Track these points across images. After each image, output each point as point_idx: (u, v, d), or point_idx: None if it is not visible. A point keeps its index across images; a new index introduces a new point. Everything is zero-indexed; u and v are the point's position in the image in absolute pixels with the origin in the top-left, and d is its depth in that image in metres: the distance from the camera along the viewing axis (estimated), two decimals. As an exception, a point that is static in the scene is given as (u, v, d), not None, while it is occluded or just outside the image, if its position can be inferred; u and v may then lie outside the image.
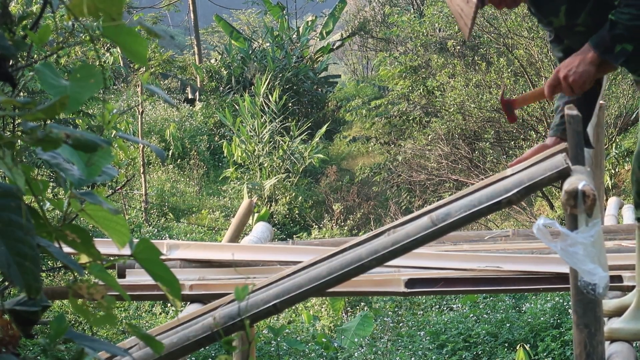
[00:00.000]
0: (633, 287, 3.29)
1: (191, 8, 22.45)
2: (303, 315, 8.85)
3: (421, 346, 8.26)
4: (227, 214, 14.88)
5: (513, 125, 14.39)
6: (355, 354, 8.20)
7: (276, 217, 15.06)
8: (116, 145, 8.03)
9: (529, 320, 8.36)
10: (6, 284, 1.51)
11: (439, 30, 17.27)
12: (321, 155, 16.70)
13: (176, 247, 4.06)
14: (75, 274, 1.51)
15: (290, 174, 16.14)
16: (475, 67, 15.45)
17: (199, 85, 21.26)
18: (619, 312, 3.26)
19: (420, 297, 9.88)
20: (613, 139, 13.32)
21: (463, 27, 3.19)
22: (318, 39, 22.72)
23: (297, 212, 15.38)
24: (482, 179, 12.23)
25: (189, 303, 3.78)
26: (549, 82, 3.09)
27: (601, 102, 5.59)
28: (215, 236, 13.36)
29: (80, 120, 11.17)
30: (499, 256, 3.69)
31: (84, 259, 1.56)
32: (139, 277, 3.85)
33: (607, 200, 7.27)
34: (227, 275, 3.94)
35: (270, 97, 16.67)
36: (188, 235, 13.33)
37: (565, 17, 3.14)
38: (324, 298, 9.58)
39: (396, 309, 9.57)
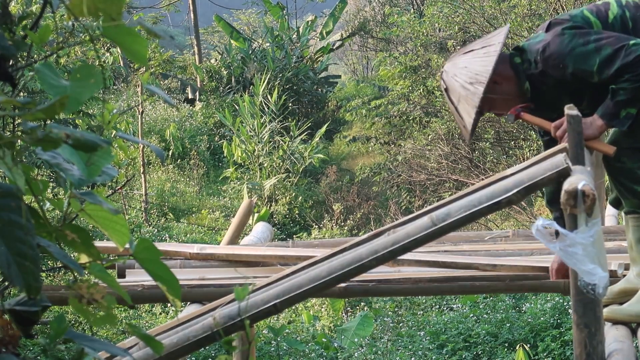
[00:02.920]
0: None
1: (191, 8, 22.45)
2: (303, 315, 8.85)
3: (421, 346, 8.26)
4: (227, 214, 14.87)
5: (513, 125, 14.39)
6: (355, 354, 8.20)
7: (276, 217, 15.06)
8: (116, 145, 8.02)
9: (529, 320, 8.35)
10: (6, 284, 1.51)
11: (439, 30, 17.26)
12: (321, 155, 16.69)
13: (205, 249, 4.16)
14: (75, 274, 1.51)
15: (290, 174, 16.13)
16: (475, 67, 15.42)
17: (199, 85, 21.26)
18: (619, 299, 3.30)
19: (420, 297, 9.88)
20: (613, 139, 13.32)
21: (464, 131, 3.44)
22: (318, 39, 22.71)
23: (297, 212, 15.37)
24: (482, 179, 12.24)
25: (189, 303, 3.78)
26: (555, 124, 3.28)
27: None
28: (215, 236, 13.36)
29: (80, 120, 11.16)
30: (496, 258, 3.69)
31: (84, 259, 1.56)
32: (139, 277, 3.86)
33: (607, 200, 7.26)
34: (227, 275, 3.94)
35: (270, 97, 16.67)
36: (188, 236, 13.32)
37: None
38: (324, 298, 9.58)
39: (396, 309, 9.57)
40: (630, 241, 3.32)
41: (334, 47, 23.24)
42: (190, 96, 21.77)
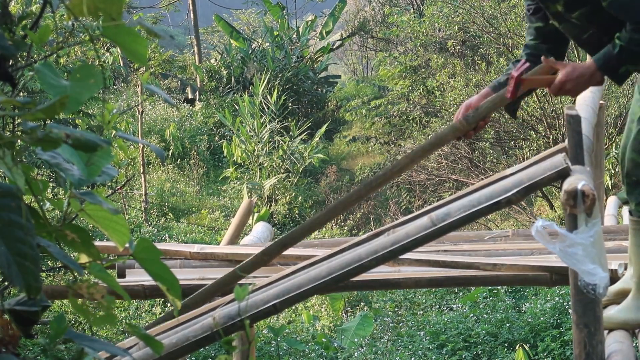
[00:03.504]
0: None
1: (191, 8, 22.45)
2: (303, 315, 8.85)
3: (421, 346, 8.26)
4: (227, 214, 14.87)
5: (513, 125, 14.39)
6: (355, 354, 8.20)
7: (276, 217, 15.06)
8: (116, 145, 8.03)
9: (529, 320, 8.35)
10: (6, 284, 1.51)
11: (439, 30, 17.27)
12: (321, 155, 16.70)
13: (205, 249, 4.16)
14: (75, 274, 1.51)
15: (290, 174, 16.14)
16: (475, 67, 15.45)
17: (198, 85, 21.26)
18: (617, 299, 3.29)
19: (420, 297, 9.88)
20: (613, 139, 13.33)
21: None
22: (318, 39, 22.71)
23: (297, 212, 15.37)
24: (482, 179, 12.23)
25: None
26: (554, 86, 3.12)
27: (601, 102, 5.59)
28: (215, 236, 13.36)
29: (80, 120, 11.17)
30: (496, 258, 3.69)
31: (83, 258, 1.56)
32: (139, 277, 3.86)
33: (607, 200, 7.27)
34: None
35: (269, 97, 16.67)
36: (188, 236, 13.32)
37: (562, 8, 3.21)
38: (324, 298, 9.58)
39: (396, 309, 9.57)
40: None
41: (334, 47, 23.24)
42: (190, 96, 21.77)
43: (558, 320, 8.22)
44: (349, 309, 9.98)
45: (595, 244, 2.54)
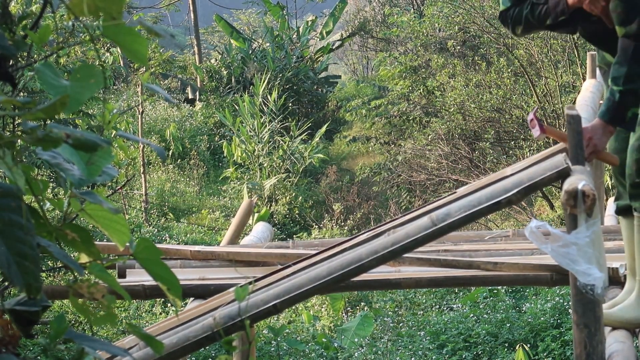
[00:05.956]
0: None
1: (191, 8, 22.45)
2: (303, 315, 8.85)
3: (421, 346, 8.26)
4: (227, 214, 14.87)
5: (513, 125, 14.39)
6: (355, 354, 8.20)
7: (276, 217, 15.06)
8: (116, 145, 8.02)
9: (529, 320, 8.35)
10: (6, 284, 1.51)
11: (439, 30, 17.26)
12: (321, 155, 16.69)
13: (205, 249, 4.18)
14: (76, 274, 1.51)
15: (290, 174, 16.13)
16: (475, 67, 15.45)
17: (199, 85, 21.25)
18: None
19: (420, 297, 9.88)
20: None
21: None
22: (318, 39, 22.71)
23: (297, 212, 15.37)
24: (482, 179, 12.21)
25: (192, 299, 3.79)
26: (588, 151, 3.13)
27: (601, 102, 5.59)
28: (215, 236, 13.36)
29: (80, 120, 11.17)
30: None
31: (84, 258, 1.56)
32: (139, 277, 3.86)
33: (607, 200, 7.26)
34: (227, 275, 3.95)
35: (269, 97, 16.67)
36: (188, 236, 13.32)
37: None
38: (324, 298, 9.58)
39: (396, 309, 9.56)
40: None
41: (334, 47, 23.24)
42: (190, 96, 21.76)
43: (558, 321, 8.22)
44: (349, 309, 9.98)
45: (592, 244, 2.53)
